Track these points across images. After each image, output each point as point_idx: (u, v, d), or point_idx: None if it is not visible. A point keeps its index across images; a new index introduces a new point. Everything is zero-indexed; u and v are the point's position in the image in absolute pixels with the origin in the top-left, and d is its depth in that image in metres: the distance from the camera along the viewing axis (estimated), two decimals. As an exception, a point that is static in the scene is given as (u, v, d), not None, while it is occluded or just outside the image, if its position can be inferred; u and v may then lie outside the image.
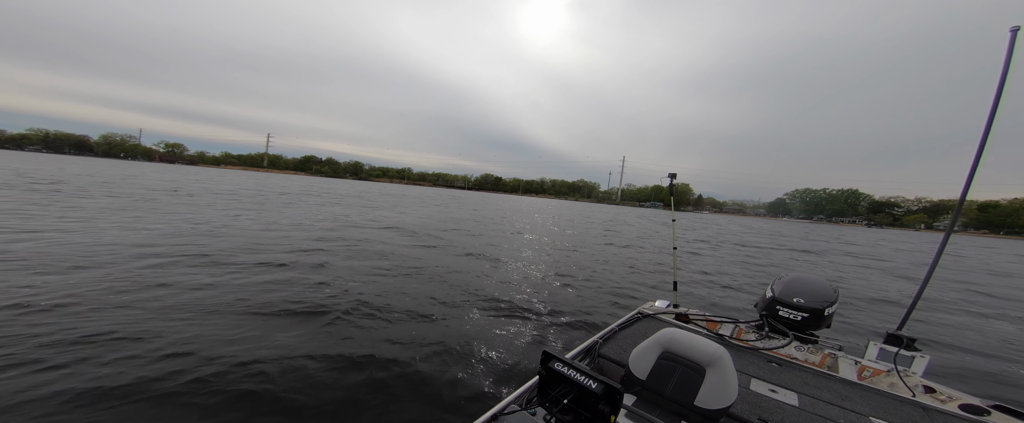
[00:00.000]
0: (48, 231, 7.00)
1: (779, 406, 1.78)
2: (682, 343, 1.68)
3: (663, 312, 2.94)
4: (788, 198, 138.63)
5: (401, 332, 3.77)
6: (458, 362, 3.26)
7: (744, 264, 11.65)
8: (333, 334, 3.58)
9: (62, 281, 4.31)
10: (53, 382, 2.45)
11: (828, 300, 2.52)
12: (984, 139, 2.28)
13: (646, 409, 1.61)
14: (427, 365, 3.16)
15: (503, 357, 3.42)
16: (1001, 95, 2.20)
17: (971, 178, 2.35)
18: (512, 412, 1.35)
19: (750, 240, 21.71)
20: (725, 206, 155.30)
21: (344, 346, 3.35)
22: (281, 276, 5.36)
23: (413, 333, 3.77)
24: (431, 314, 4.36)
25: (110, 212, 10.19)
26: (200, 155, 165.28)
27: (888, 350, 2.30)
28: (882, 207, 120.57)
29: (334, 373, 2.90)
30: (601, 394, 1.04)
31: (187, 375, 2.64)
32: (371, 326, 3.86)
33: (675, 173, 3.22)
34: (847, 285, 9.11)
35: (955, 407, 1.88)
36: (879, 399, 1.94)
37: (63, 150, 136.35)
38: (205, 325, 3.46)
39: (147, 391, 2.45)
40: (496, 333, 3.99)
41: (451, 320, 4.25)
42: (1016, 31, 2.19)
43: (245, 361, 2.87)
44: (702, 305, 5.99)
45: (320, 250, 7.49)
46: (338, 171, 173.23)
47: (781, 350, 2.39)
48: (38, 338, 2.97)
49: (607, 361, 2.17)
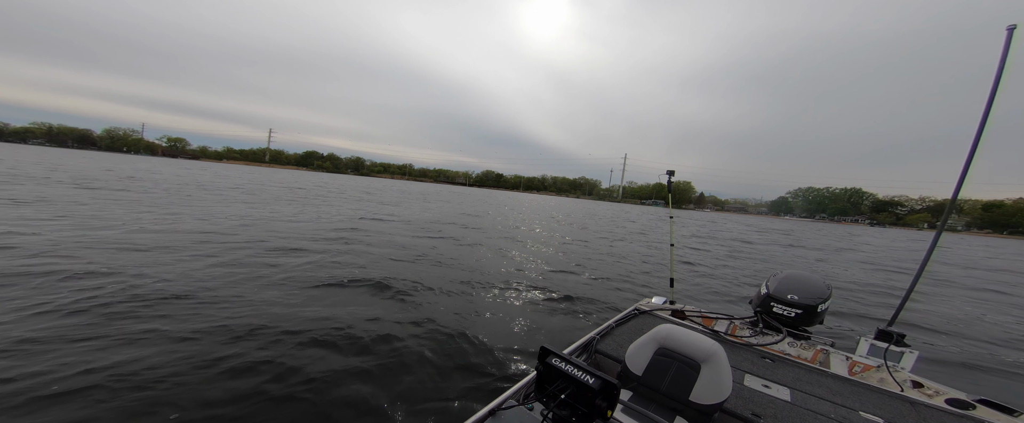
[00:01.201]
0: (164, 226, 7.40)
1: (772, 401, 1.81)
2: (678, 339, 1.70)
3: (659, 308, 2.97)
4: (790, 196, 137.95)
5: (408, 320, 3.82)
6: (458, 355, 3.30)
7: (735, 257, 11.69)
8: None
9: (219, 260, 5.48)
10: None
11: (821, 297, 2.55)
12: (978, 137, 2.29)
13: (642, 404, 1.63)
14: (431, 356, 3.20)
15: (503, 352, 3.46)
16: (996, 93, 2.20)
17: (964, 176, 2.36)
18: (510, 407, 1.36)
19: (750, 237, 21.70)
20: (726, 204, 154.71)
21: (341, 337, 3.41)
22: (310, 258, 6.02)
23: (418, 323, 3.82)
24: (440, 303, 4.43)
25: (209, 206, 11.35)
26: (202, 150, 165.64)
27: (878, 346, 2.33)
28: (885, 206, 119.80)
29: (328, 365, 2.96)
30: (598, 389, 1.05)
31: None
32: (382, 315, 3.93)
33: (673, 170, 3.24)
34: (840, 281, 9.17)
35: (941, 401, 1.92)
36: (869, 394, 1.98)
37: (66, 144, 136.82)
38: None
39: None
40: (496, 328, 4.03)
41: (455, 312, 4.30)
42: (1013, 29, 2.18)
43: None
44: (698, 302, 6.03)
45: (342, 238, 7.59)
46: (340, 167, 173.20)
47: (774, 346, 2.43)
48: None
49: (604, 357, 2.19)
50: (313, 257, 6.49)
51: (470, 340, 3.61)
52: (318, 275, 5.38)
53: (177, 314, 3.55)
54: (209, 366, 2.76)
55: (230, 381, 2.63)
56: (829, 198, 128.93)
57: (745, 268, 10.49)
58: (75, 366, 2.59)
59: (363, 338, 3.45)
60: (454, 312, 4.41)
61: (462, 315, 4.34)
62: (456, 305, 4.69)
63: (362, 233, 9.75)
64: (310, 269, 5.70)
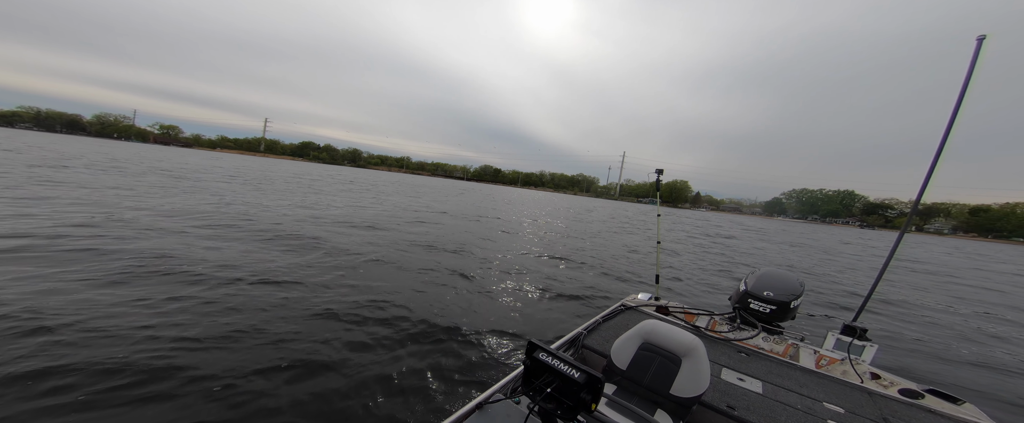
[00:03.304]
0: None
1: (745, 393, 1.91)
2: (661, 334, 1.76)
3: (645, 304, 3.08)
4: (784, 198, 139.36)
5: (395, 314, 3.91)
6: (447, 351, 3.37)
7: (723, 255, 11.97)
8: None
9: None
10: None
11: (795, 293, 2.70)
12: (943, 141, 2.41)
13: (625, 397, 1.69)
14: (419, 349, 3.29)
15: (492, 345, 3.55)
16: (962, 100, 2.31)
17: (927, 180, 2.49)
18: (497, 401, 1.39)
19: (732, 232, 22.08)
20: (722, 204, 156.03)
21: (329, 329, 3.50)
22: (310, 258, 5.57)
23: (406, 317, 3.91)
24: (435, 299, 4.52)
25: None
26: (196, 138, 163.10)
27: (843, 340, 2.49)
28: (876, 209, 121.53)
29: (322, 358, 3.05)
30: (583, 383, 1.07)
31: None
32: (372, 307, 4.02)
33: (662, 169, 3.35)
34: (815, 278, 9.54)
35: (895, 391, 2.08)
36: (832, 385, 2.12)
37: (55, 129, 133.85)
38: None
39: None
40: (486, 322, 4.13)
41: (450, 305, 4.41)
42: (983, 40, 2.28)
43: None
44: (682, 298, 6.20)
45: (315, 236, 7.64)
46: (336, 158, 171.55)
47: (750, 341, 2.56)
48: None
49: (590, 351, 2.26)
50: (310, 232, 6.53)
51: (459, 334, 3.67)
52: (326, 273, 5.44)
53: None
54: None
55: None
56: (822, 200, 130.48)
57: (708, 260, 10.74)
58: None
59: (351, 330, 3.49)
60: (446, 306, 4.50)
61: (454, 309, 4.43)
62: (447, 299, 4.78)
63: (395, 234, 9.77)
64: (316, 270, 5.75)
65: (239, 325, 3.32)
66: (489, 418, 1.33)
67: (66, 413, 2.14)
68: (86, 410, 2.18)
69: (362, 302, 4.24)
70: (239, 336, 3.14)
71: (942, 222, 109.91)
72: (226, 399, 2.39)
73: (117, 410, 2.22)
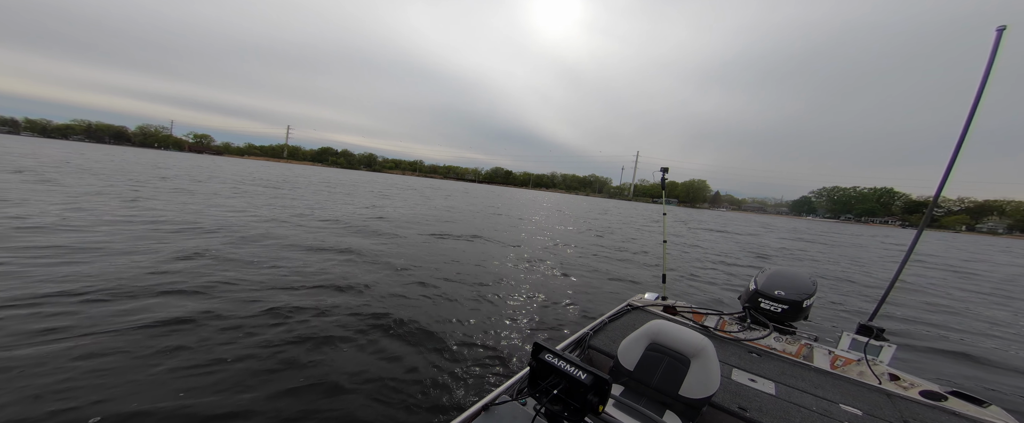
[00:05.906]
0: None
1: (757, 395, 1.85)
2: (669, 335, 1.73)
3: (652, 304, 3.02)
4: (814, 196, 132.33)
5: (402, 316, 4.00)
6: (454, 352, 3.39)
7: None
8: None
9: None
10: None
11: (807, 293, 2.59)
12: (962, 136, 2.27)
13: (633, 399, 1.65)
14: (425, 351, 3.36)
15: (498, 348, 3.55)
16: (982, 92, 2.17)
17: (947, 176, 2.35)
18: (503, 402, 1.38)
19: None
20: (744, 204, 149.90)
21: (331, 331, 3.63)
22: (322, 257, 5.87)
23: (413, 319, 4.00)
24: (453, 300, 4.63)
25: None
26: (225, 146, 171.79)
27: (859, 340, 2.37)
28: (919, 207, 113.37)
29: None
30: (590, 385, 1.05)
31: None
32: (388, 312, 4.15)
33: (667, 167, 3.29)
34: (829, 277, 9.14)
35: (916, 393, 1.96)
36: (848, 387, 2.02)
37: (103, 140, 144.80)
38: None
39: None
40: (491, 324, 4.16)
41: (459, 310, 4.49)
42: (1003, 30, 2.16)
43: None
44: (690, 297, 6.02)
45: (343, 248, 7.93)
46: (353, 163, 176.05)
47: (761, 341, 2.47)
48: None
49: (597, 352, 2.23)
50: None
51: (465, 336, 3.68)
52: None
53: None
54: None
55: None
56: (856, 198, 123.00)
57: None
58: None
59: (355, 331, 3.55)
60: (453, 308, 4.57)
61: (459, 311, 4.49)
62: (457, 301, 4.85)
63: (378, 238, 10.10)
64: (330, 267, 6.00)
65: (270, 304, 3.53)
66: (495, 420, 1.32)
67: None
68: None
69: (373, 302, 4.37)
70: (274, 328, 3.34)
71: (996, 221, 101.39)
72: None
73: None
